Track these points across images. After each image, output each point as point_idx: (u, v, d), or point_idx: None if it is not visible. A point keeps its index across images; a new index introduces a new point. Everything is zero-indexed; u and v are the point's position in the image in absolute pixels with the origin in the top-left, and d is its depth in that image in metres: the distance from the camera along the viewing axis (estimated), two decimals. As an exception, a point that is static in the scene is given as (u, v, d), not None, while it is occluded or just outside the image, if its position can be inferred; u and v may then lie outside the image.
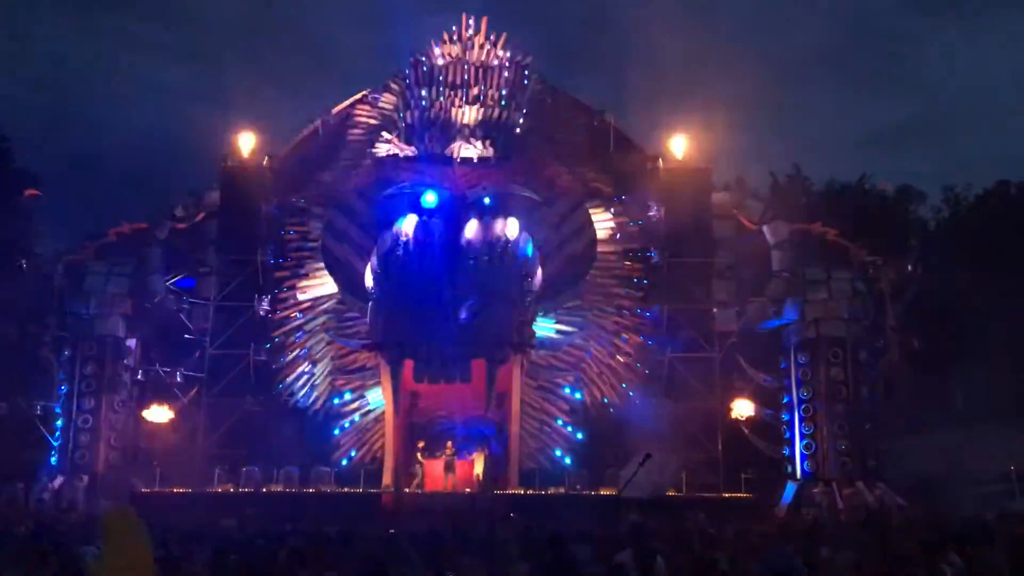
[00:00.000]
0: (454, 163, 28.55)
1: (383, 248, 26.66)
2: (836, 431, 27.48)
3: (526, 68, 30.95)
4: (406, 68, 30.74)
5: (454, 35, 31.35)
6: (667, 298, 29.42)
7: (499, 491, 25.53)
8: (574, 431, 28.65)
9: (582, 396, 28.93)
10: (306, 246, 30.20)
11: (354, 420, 29.02)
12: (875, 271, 28.55)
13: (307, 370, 29.65)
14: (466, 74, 30.14)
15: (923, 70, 70.74)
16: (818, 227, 29.69)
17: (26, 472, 27.67)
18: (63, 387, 28.55)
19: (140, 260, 29.61)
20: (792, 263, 28.97)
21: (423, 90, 29.90)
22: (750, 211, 30.26)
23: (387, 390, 26.48)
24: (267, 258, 30.01)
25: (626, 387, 28.99)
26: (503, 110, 29.75)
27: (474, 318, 24.86)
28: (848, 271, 28.55)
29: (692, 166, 30.93)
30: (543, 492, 26.32)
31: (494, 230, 26.78)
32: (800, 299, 28.35)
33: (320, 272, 29.61)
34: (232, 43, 69.56)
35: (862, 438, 27.55)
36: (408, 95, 30.32)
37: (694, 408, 29.01)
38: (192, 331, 29.98)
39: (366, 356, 28.36)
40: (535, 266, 26.94)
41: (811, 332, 28.10)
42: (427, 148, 29.05)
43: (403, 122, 29.91)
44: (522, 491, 26.13)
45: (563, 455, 28.33)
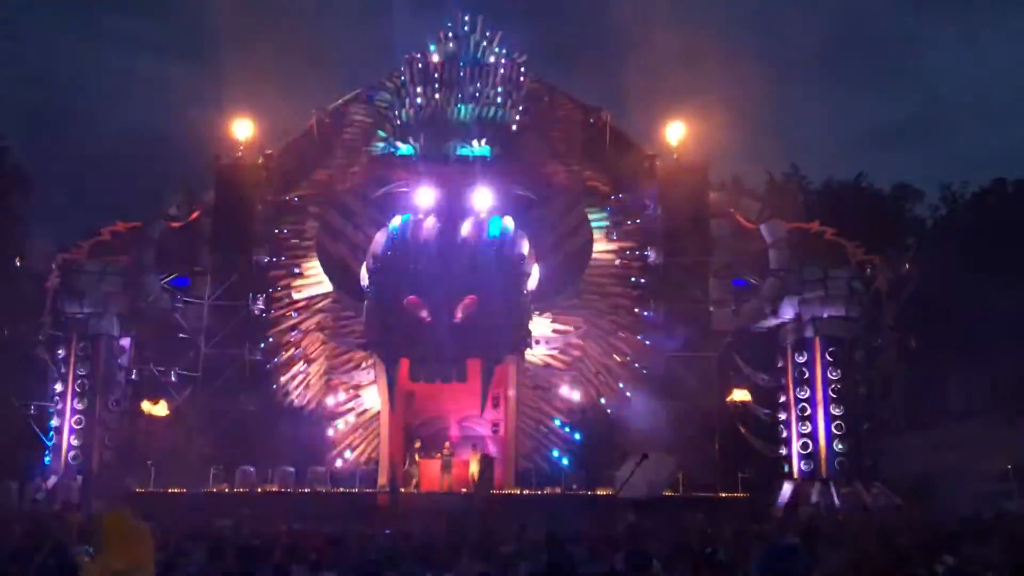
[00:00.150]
0: (450, 162, 28.47)
1: (378, 247, 26.56)
2: (833, 430, 27.49)
3: (522, 66, 30.85)
4: (402, 66, 30.64)
5: (450, 33, 31.25)
6: (664, 297, 29.37)
7: (495, 491, 25.45)
8: (571, 431, 28.58)
9: (579, 396, 28.87)
10: (301, 245, 30.13)
11: (349, 420, 28.94)
12: (872, 270, 28.51)
13: (302, 369, 29.57)
14: (462, 72, 30.04)
15: (920, 69, 70.90)
16: (815, 226, 29.66)
17: (20, 472, 27.58)
18: (57, 386, 28.48)
19: (134, 259, 29.47)
20: (789, 262, 28.92)
21: (418, 88, 29.79)
22: (747, 210, 30.20)
23: (383, 390, 26.39)
24: (262, 257, 29.89)
25: (623, 387, 28.93)
26: (499, 108, 29.65)
27: (470, 318, 24.78)
28: (845, 270, 28.52)
29: (689, 165, 30.89)
30: (539, 492, 26.25)
31: (490, 229, 26.71)
32: (797, 298, 28.33)
33: (315, 271, 29.52)
34: (227, 41, 69.25)
35: (859, 437, 27.55)
36: (403, 93, 30.21)
37: (691, 408, 28.92)
38: (186, 330, 29.85)
39: (361, 355, 28.30)
40: (531, 265, 26.86)
41: (808, 331, 28.12)
42: (423, 146, 28.97)
43: (399, 120, 29.80)
44: (518, 491, 26.06)
45: (560, 455, 28.27)
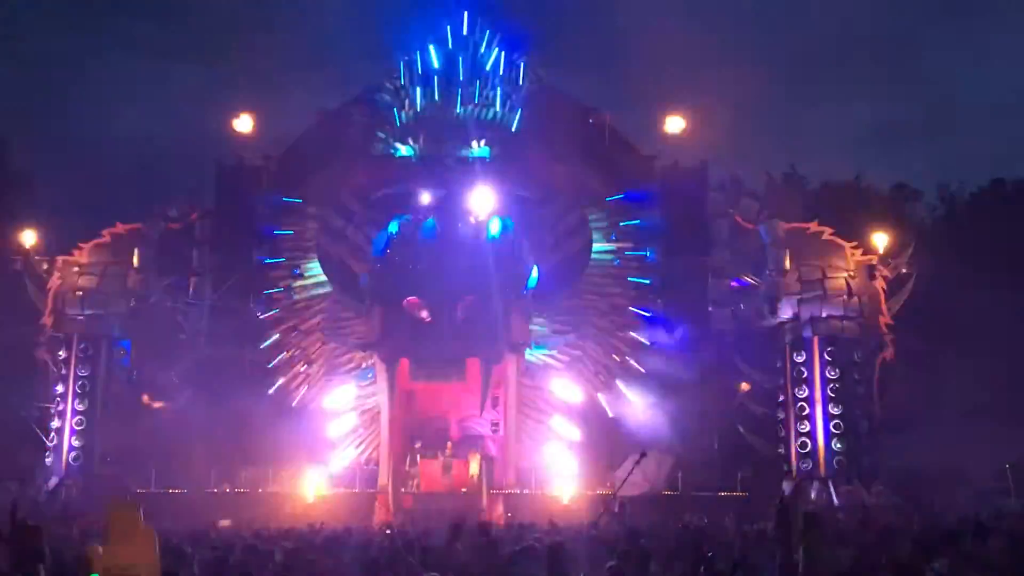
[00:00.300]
0: (449, 163, 28.51)
1: (378, 247, 26.63)
2: (832, 429, 27.56)
3: (521, 67, 30.90)
4: (402, 67, 30.67)
5: (449, 34, 31.24)
6: (663, 297, 29.42)
7: (495, 491, 25.50)
8: (570, 430, 28.62)
9: (578, 395, 28.92)
10: (301, 246, 30.16)
11: (350, 420, 28.98)
12: (870, 269, 28.57)
13: (302, 370, 29.62)
14: (461, 73, 30.07)
15: (918, 69, 70.70)
16: (814, 226, 29.70)
17: (21, 473, 27.60)
18: (58, 388, 28.52)
19: (134, 260, 29.51)
20: (788, 262, 28.94)
21: (418, 89, 29.84)
22: (746, 210, 30.22)
23: (383, 390, 26.44)
24: (262, 258, 29.94)
25: (622, 386, 28.97)
26: (498, 109, 29.69)
27: (469, 318, 24.85)
28: (844, 270, 28.57)
29: (688, 165, 30.97)
30: (539, 492, 26.29)
31: (489, 230, 26.76)
32: (796, 298, 28.38)
33: (315, 272, 29.56)
34: (228, 43, 69.31)
35: (858, 436, 27.63)
36: (403, 94, 30.25)
37: (690, 407, 29.01)
38: (187, 331, 29.90)
39: (361, 356, 28.35)
40: (530, 265, 26.91)
41: (807, 331, 28.18)
42: (422, 148, 29.02)
43: (398, 121, 29.85)
44: (518, 491, 26.10)
45: (559, 454, 28.30)
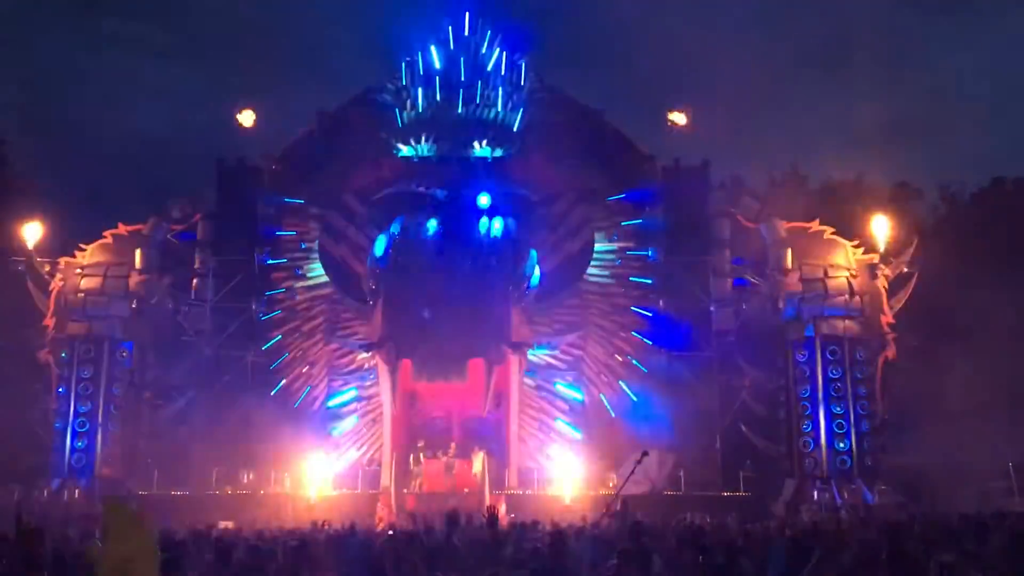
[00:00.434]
0: (451, 163, 28.53)
1: (380, 248, 26.65)
2: (834, 429, 27.53)
3: (523, 68, 30.90)
4: (403, 68, 30.67)
5: (452, 35, 31.24)
6: (665, 297, 29.41)
7: (498, 491, 25.50)
8: (572, 430, 28.63)
9: (581, 395, 28.93)
10: (303, 247, 30.18)
11: (353, 421, 29.00)
12: (872, 269, 28.56)
13: (305, 371, 29.63)
14: (464, 74, 30.08)
15: (919, 68, 70.61)
16: (815, 225, 29.69)
17: (24, 476, 27.60)
18: (61, 389, 28.50)
19: (136, 262, 29.52)
20: (789, 261, 28.93)
21: (420, 90, 29.85)
22: (747, 209, 30.22)
23: (386, 390, 26.47)
24: (264, 259, 29.95)
25: (624, 386, 28.98)
26: (500, 110, 29.70)
27: (472, 318, 24.86)
28: (845, 269, 28.56)
29: (689, 164, 30.99)
30: (542, 492, 26.29)
31: (491, 230, 26.77)
32: (797, 297, 28.37)
33: (317, 272, 29.58)
34: (229, 44, 69.38)
35: (860, 436, 27.58)
36: (405, 95, 30.27)
37: (692, 406, 29.03)
38: (189, 332, 29.93)
39: (364, 356, 28.37)
40: (533, 265, 26.92)
41: (809, 330, 28.15)
42: (424, 148, 29.04)
43: (400, 122, 29.85)
44: (521, 491, 26.11)
45: (561, 454, 28.31)
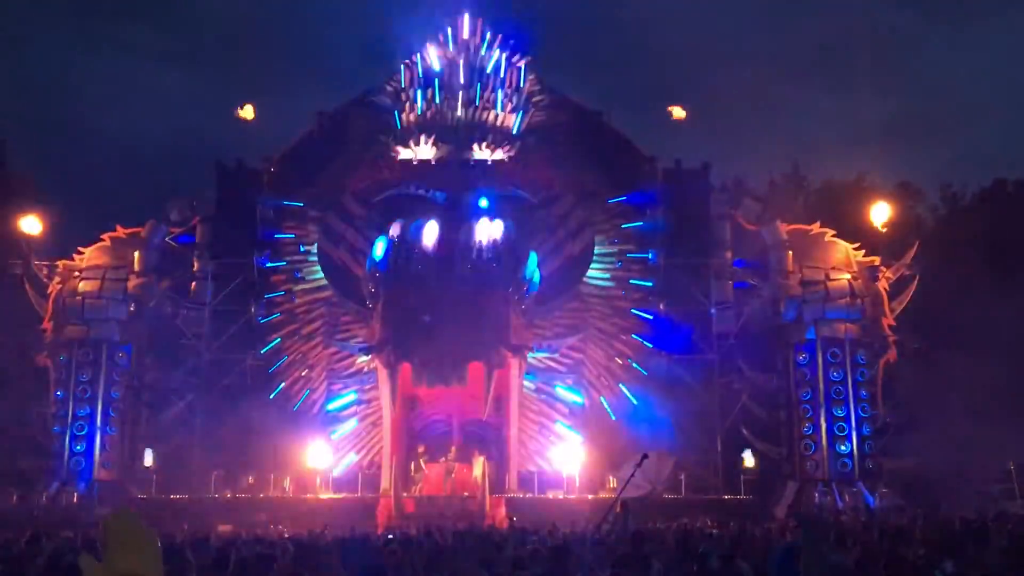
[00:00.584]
0: (451, 165, 28.47)
1: (380, 251, 26.57)
2: (835, 432, 27.48)
3: (522, 69, 30.84)
4: (402, 70, 30.62)
5: (451, 36, 31.20)
6: (665, 299, 29.34)
7: (497, 494, 25.42)
8: (573, 433, 28.55)
9: (581, 398, 28.86)
10: (302, 249, 30.11)
11: (352, 424, 28.93)
12: (873, 271, 28.52)
13: (304, 374, 29.55)
14: (463, 76, 30.03)
15: (920, 68, 70.70)
16: (816, 227, 29.66)
17: (23, 480, 27.54)
18: (59, 393, 28.45)
19: (135, 264, 29.48)
20: (790, 263, 28.90)
21: (419, 92, 29.79)
22: (748, 211, 30.19)
23: (385, 394, 26.39)
24: (263, 262, 29.87)
25: (625, 388, 28.91)
26: (500, 112, 29.63)
27: (472, 321, 24.79)
28: (846, 271, 28.52)
29: (690, 166, 30.96)
30: (542, 496, 26.22)
31: (491, 232, 26.70)
32: (798, 299, 28.32)
33: (316, 275, 29.51)
34: (228, 47, 69.46)
35: (861, 438, 27.53)
36: (404, 97, 30.22)
37: (693, 409, 28.99)
38: (188, 336, 29.86)
39: (364, 360, 28.29)
40: (532, 268, 26.85)
41: (809, 332, 28.11)
42: (424, 151, 28.98)
43: (399, 124, 29.79)
44: (521, 494, 26.03)
45: (561, 457, 28.23)
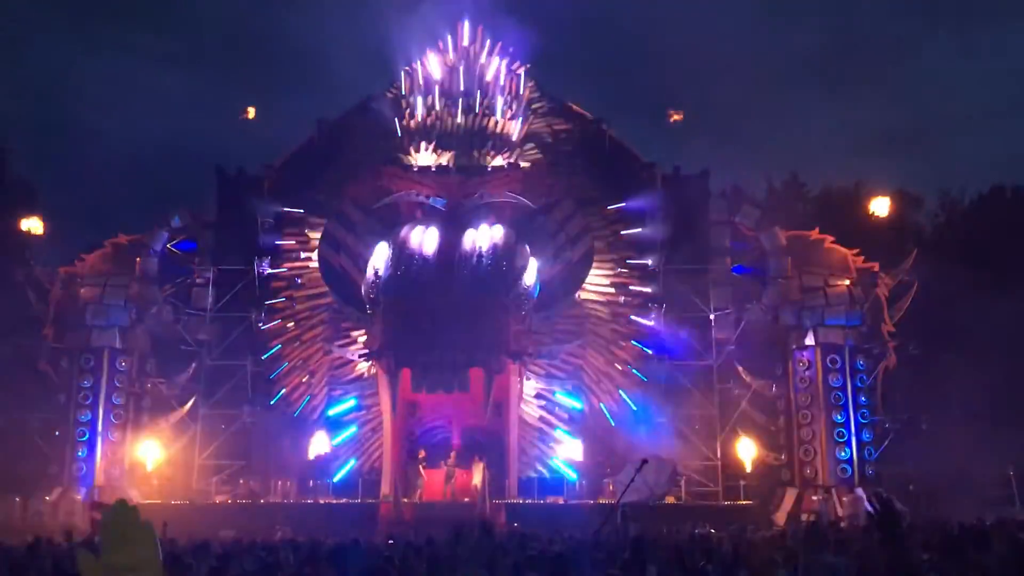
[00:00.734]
0: (450, 172, 28.54)
1: (380, 257, 26.63)
2: (835, 437, 27.53)
3: (522, 76, 30.93)
4: (402, 77, 30.72)
5: (451, 44, 31.29)
6: (665, 305, 29.39)
7: (497, 500, 25.46)
8: (572, 438, 28.59)
9: (580, 404, 28.90)
10: (302, 256, 30.19)
11: (353, 430, 28.97)
12: (872, 277, 28.59)
13: (304, 380, 29.61)
14: (463, 83, 30.12)
15: (917, 75, 70.95)
16: (815, 234, 29.74)
17: (24, 485, 27.59)
18: (60, 399, 28.52)
19: (136, 271, 29.57)
20: (789, 270, 28.98)
21: (419, 99, 29.88)
22: (747, 218, 30.27)
23: (385, 400, 26.43)
24: (263, 268, 29.94)
25: (624, 394, 28.96)
26: (500, 119, 29.71)
27: (472, 328, 24.85)
28: (845, 277, 28.59)
29: (689, 173, 31.05)
30: (542, 501, 26.26)
31: (491, 239, 26.76)
32: (798, 306, 28.40)
33: (317, 282, 29.57)
34: (229, 53, 69.67)
35: (860, 444, 27.59)
36: (404, 104, 30.30)
37: (692, 415, 29.05)
38: (189, 342, 29.93)
39: (364, 365, 28.34)
40: (532, 274, 26.91)
41: (809, 338, 28.19)
42: (423, 157, 29.05)
43: (399, 131, 29.87)
44: (521, 500, 26.06)
45: (562, 463, 28.28)
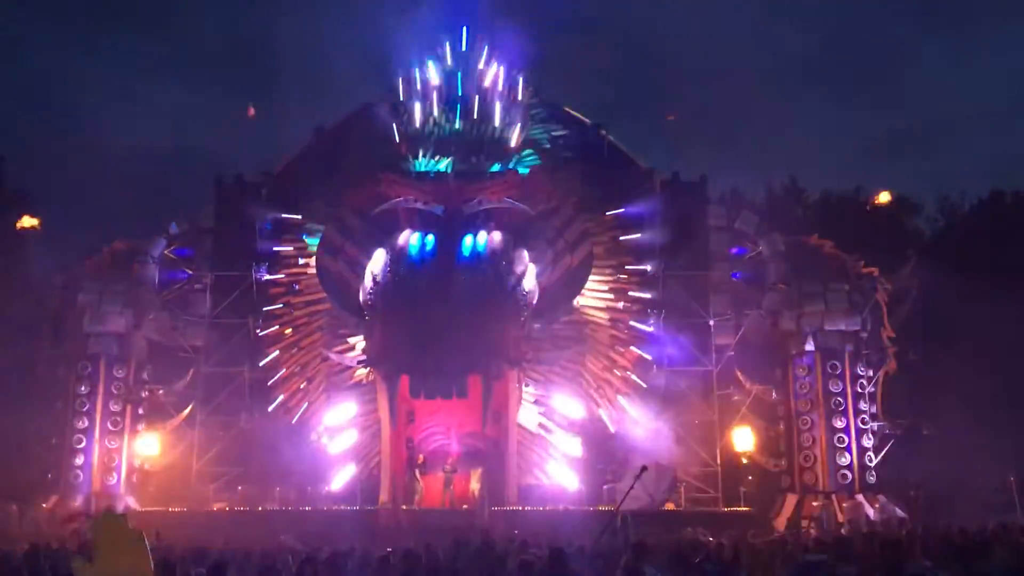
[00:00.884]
0: (449, 178, 28.49)
1: (378, 264, 26.58)
2: (835, 443, 27.47)
3: (520, 82, 30.90)
4: (400, 83, 30.70)
5: (449, 50, 31.28)
6: (664, 311, 29.34)
7: (496, 507, 25.37)
8: (571, 445, 28.50)
9: (579, 410, 28.81)
10: (300, 262, 30.14)
11: (352, 436, 28.87)
12: (871, 283, 28.56)
13: (302, 387, 29.53)
14: (461, 89, 30.09)
15: (916, 81, 71.12)
16: (814, 239, 29.73)
17: (21, 492, 27.50)
18: (57, 406, 28.45)
19: (134, 277, 29.52)
20: (789, 275, 28.95)
21: (417, 105, 29.85)
22: (746, 223, 30.25)
23: (383, 406, 26.35)
24: (261, 274, 29.89)
25: (623, 401, 28.88)
26: (498, 125, 29.65)
27: (470, 334, 24.79)
28: (845, 282, 28.56)
29: (688, 178, 31.02)
30: (541, 508, 26.16)
31: (489, 245, 26.72)
32: (797, 311, 28.36)
33: (314, 288, 29.52)
34: (227, 59, 69.62)
35: (861, 450, 27.53)
36: (402, 110, 30.27)
37: (691, 421, 28.98)
38: (186, 348, 29.87)
39: (362, 372, 28.27)
40: (530, 280, 26.85)
41: (808, 344, 28.16)
42: (421, 163, 29.01)
43: (398, 137, 29.84)
44: (520, 507, 25.97)
45: (560, 470, 28.19)
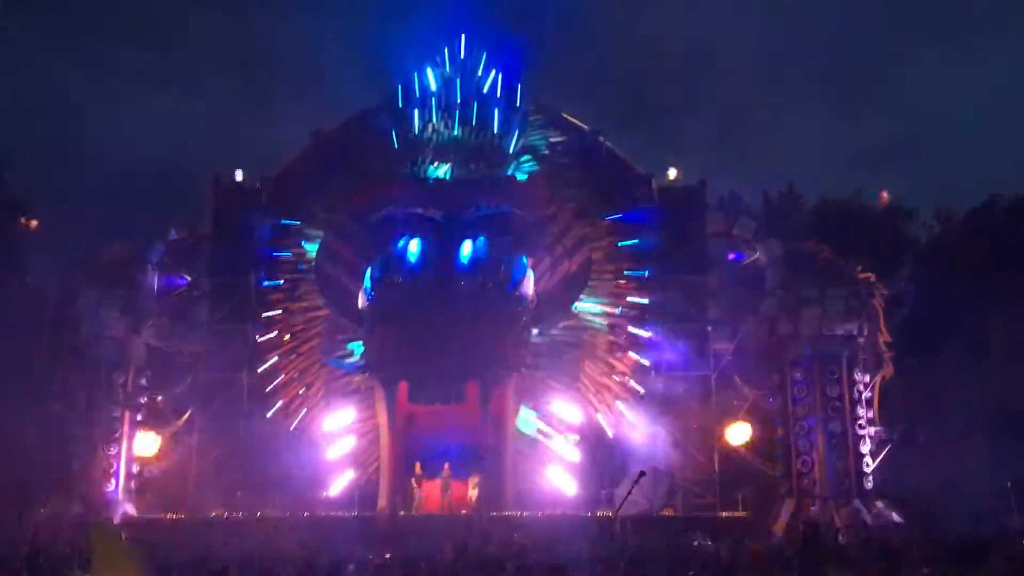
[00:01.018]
0: (447, 184, 28.54)
1: (376, 269, 26.61)
2: (832, 448, 27.49)
3: (519, 89, 30.96)
4: (399, 90, 30.75)
5: (448, 56, 31.35)
6: (661, 317, 29.40)
7: (495, 513, 25.38)
8: (569, 450, 28.53)
9: (577, 416, 28.84)
10: (299, 268, 30.15)
11: (350, 442, 28.88)
12: (868, 288, 28.63)
13: (301, 393, 29.53)
14: (460, 95, 30.14)
15: (912, 88, 71.21)
16: (811, 245, 29.80)
17: (20, 497, 27.46)
18: (56, 411, 28.39)
19: (132, 283, 29.54)
20: (786, 281, 29.02)
21: (416, 112, 29.90)
22: (744, 229, 30.33)
23: (382, 412, 26.38)
24: (260, 280, 29.91)
25: (621, 406, 28.91)
26: (497, 131, 29.71)
27: (469, 339, 24.83)
28: (842, 288, 28.61)
29: (685, 185, 31.10)
30: (539, 513, 26.17)
31: (488, 250, 26.75)
32: (795, 317, 28.41)
33: (313, 294, 29.54)
34: (224, 67, 69.65)
35: (858, 455, 27.56)
36: (401, 116, 30.31)
37: (689, 427, 29.00)
38: (185, 354, 29.86)
39: (360, 378, 28.28)
40: (529, 286, 26.90)
41: (806, 349, 28.20)
42: (420, 169, 29.06)
43: (396, 144, 29.88)
44: (518, 512, 25.99)
45: (558, 475, 28.21)
